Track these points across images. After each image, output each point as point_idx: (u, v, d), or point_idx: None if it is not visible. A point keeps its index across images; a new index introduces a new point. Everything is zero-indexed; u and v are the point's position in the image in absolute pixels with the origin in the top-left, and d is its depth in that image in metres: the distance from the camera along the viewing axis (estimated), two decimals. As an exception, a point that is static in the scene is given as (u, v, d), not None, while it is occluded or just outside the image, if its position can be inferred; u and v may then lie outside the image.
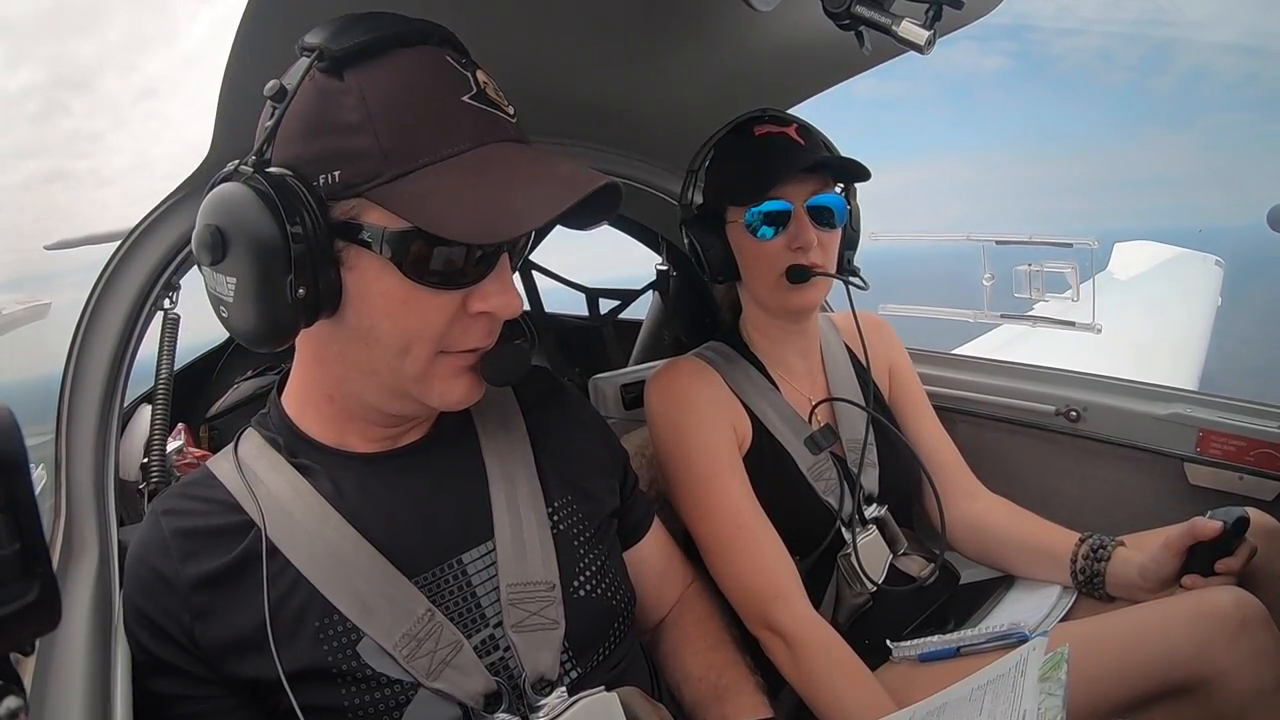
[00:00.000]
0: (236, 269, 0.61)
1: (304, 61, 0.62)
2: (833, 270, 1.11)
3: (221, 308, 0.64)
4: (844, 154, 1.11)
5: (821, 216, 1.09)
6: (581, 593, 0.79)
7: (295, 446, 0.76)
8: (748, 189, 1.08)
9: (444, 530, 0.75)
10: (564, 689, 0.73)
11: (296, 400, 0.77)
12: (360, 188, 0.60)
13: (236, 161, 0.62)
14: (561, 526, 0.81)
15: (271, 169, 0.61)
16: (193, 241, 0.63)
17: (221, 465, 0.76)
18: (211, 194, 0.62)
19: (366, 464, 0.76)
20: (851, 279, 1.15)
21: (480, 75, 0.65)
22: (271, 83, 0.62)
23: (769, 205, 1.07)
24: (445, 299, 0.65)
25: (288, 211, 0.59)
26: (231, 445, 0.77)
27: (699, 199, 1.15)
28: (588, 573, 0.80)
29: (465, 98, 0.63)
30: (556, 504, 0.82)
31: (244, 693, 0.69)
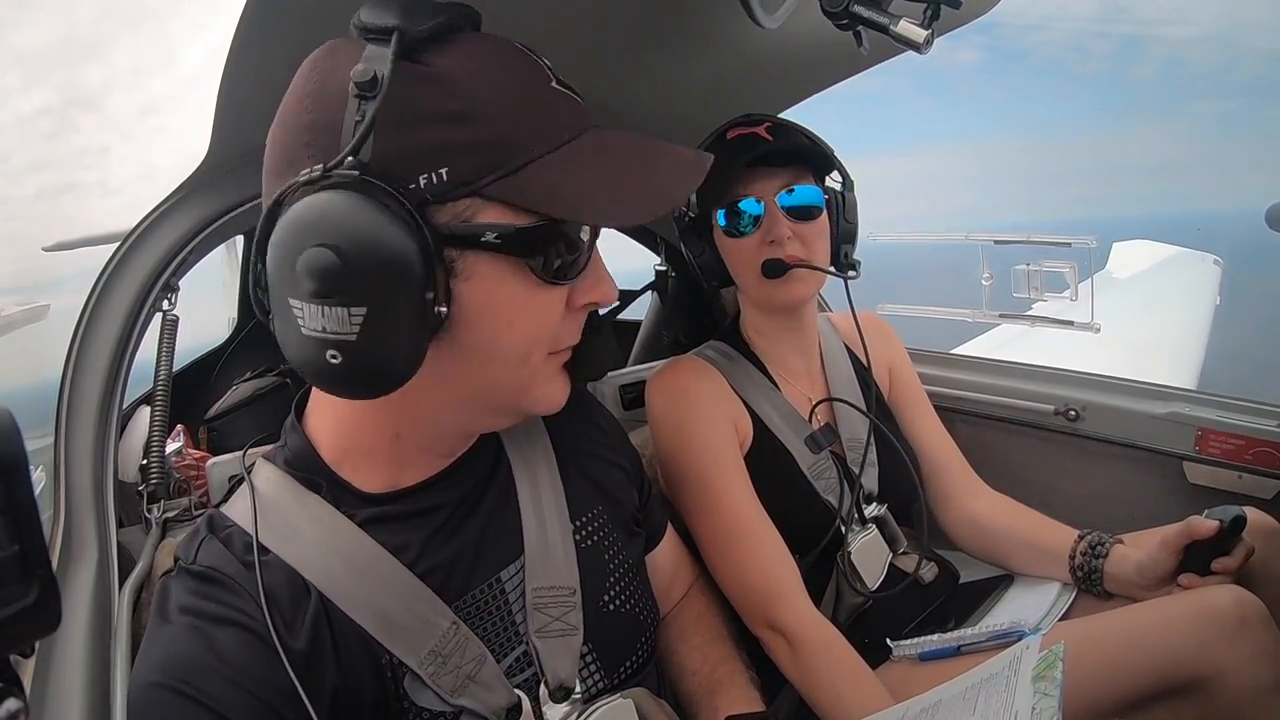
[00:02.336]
0: (366, 297, 0.51)
1: (376, 48, 0.53)
2: (824, 263, 1.11)
3: (332, 352, 0.52)
4: (815, 142, 1.13)
5: (796, 210, 1.09)
6: (611, 606, 0.77)
7: (340, 498, 0.68)
8: (716, 190, 1.11)
9: (482, 550, 0.73)
10: (579, 696, 0.72)
11: (337, 446, 0.68)
12: (476, 185, 0.54)
13: (318, 167, 0.52)
14: (592, 540, 0.79)
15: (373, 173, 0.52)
16: (300, 269, 0.50)
17: (236, 507, 0.69)
18: (305, 208, 0.51)
19: (398, 499, 0.70)
20: (832, 270, 1.13)
21: (545, 60, 0.61)
22: (359, 68, 0.51)
23: (740, 204, 1.09)
24: (558, 295, 0.61)
25: (418, 219, 0.52)
26: (247, 488, 0.68)
27: (692, 209, 1.18)
28: (617, 587, 0.79)
29: (552, 84, 0.59)
30: (587, 515, 0.80)
31: None
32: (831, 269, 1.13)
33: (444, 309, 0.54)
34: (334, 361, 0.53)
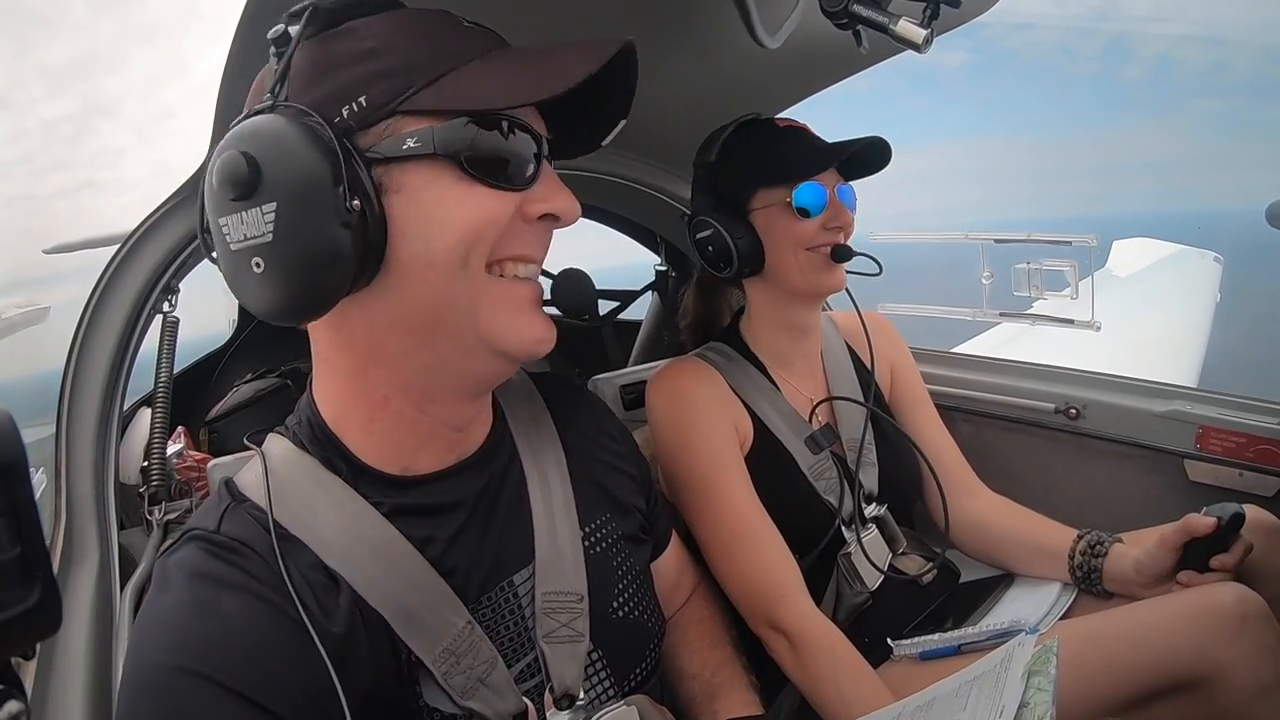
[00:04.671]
0: (274, 192, 0.55)
1: (302, 15, 0.58)
2: None
3: (256, 259, 0.55)
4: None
5: (848, 205, 1.12)
6: (620, 614, 0.78)
7: (360, 480, 0.67)
8: (793, 170, 1.10)
9: (500, 552, 0.72)
10: (584, 703, 0.72)
11: (336, 414, 0.68)
12: (392, 104, 0.58)
13: (254, 108, 0.57)
14: (600, 547, 0.79)
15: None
16: (216, 176, 0.55)
17: (248, 480, 0.67)
18: (234, 129, 0.57)
19: (419, 485, 0.70)
20: (874, 260, 1.18)
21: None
22: (277, 27, 0.58)
23: (814, 186, 1.09)
24: (499, 197, 0.60)
25: (317, 135, 0.55)
26: (260, 463, 0.67)
27: (714, 192, 1.16)
28: (625, 594, 0.79)
29: (465, 22, 0.63)
30: (596, 523, 0.80)
31: None
32: (877, 262, 1.18)
33: (357, 203, 0.55)
34: (258, 270, 0.55)
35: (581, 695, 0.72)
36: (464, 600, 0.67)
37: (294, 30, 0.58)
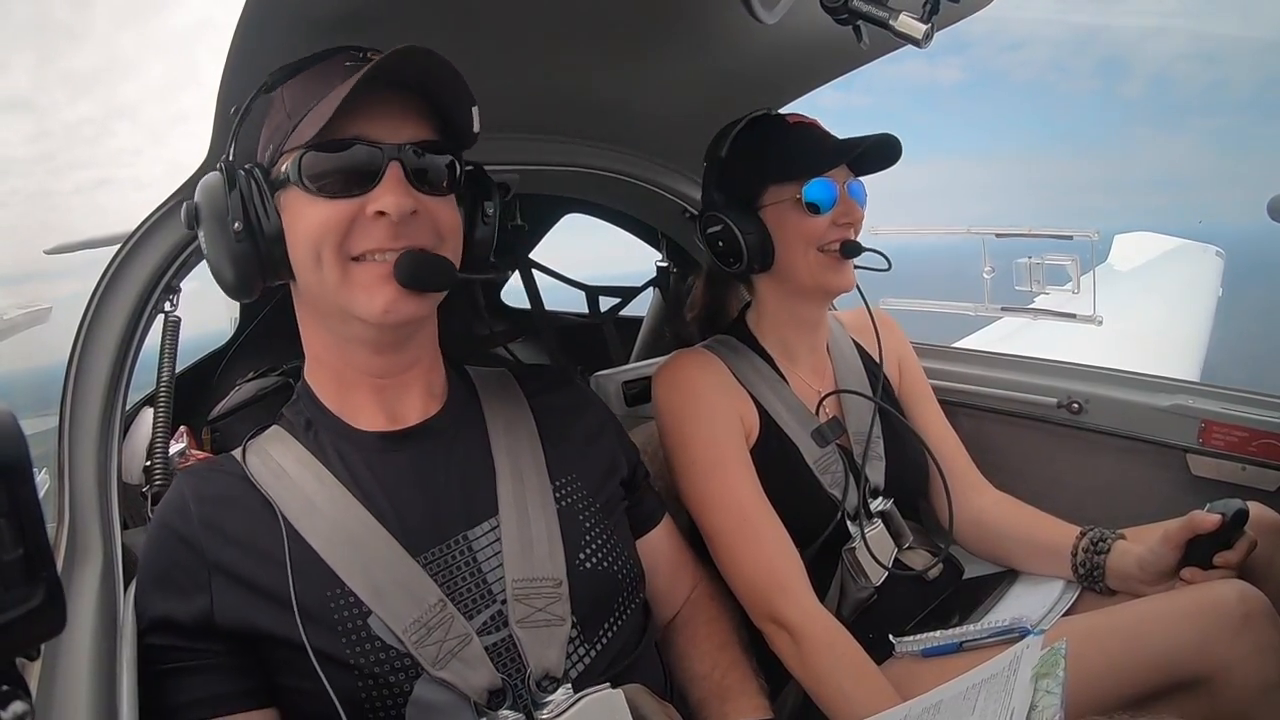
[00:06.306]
0: (203, 226, 0.77)
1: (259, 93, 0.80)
2: None
3: (208, 262, 0.78)
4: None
5: (857, 201, 1.12)
6: (588, 565, 0.81)
7: (314, 415, 0.83)
8: (803, 167, 1.09)
9: (449, 507, 0.79)
10: (569, 686, 0.74)
11: (308, 369, 0.86)
12: (282, 146, 0.76)
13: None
14: (566, 503, 0.84)
15: (233, 161, 0.78)
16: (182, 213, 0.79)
17: (247, 454, 0.82)
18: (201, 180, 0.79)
19: (374, 443, 0.81)
20: (883, 255, 1.17)
21: (371, 54, 0.79)
22: (234, 107, 0.80)
23: (825, 183, 1.09)
24: (341, 206, 0.74)
25: (230, 178, 0.76)
26: (256, 437, 0.83)
27: (725, 188, 1.16)
28: (593, 545, 0.83)
29: (346, 62, 0.77)
30: (561, 480, 0.86)
31: (248, 654, 0.73)
32: (885, 259, 1.17)
33: (238, 225, 0.75)
34: (211, 269, 0.78)
35: (563, 686, 0.75)
36: (410, 551, 0.76)
37: (243, 105, 0.79)
